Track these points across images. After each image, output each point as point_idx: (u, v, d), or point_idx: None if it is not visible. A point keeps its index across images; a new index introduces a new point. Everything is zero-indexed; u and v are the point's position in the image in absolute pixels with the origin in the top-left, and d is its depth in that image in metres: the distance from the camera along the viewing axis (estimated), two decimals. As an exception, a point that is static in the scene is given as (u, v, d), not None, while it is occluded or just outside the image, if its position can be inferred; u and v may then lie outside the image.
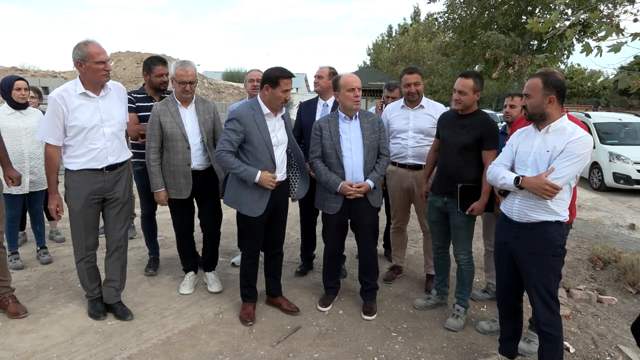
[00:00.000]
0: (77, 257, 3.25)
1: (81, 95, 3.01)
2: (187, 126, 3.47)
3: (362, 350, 3.03)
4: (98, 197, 3.16)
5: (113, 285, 3.37)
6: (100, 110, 3.07)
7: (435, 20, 20.64)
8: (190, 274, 3.85)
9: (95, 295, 3.35)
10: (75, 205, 3.11)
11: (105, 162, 3.12)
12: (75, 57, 2.95)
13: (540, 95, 2.39)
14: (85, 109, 3.02)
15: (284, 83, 3.09)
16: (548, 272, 2.46)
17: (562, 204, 2.44)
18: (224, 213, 3.89)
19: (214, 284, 3.82)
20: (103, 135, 3.08)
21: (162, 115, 3.41)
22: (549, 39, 15.82)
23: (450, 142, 3.27)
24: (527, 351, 2.98)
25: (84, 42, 2.96)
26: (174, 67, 3.40)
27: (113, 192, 3.21)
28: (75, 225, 3.18)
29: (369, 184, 3.29)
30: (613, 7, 4.70)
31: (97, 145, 3.07)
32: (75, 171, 3.06)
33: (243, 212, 3.19)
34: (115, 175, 3.20)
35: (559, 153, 2.36)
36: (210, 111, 3.63)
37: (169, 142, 3.43)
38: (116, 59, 13.47)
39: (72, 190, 3.10)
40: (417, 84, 3.74)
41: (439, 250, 3.54)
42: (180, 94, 3.43)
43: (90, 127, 3.02)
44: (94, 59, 2.93)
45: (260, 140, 3.12)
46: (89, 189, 3.10)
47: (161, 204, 3.57)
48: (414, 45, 31.20)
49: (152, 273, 4.10)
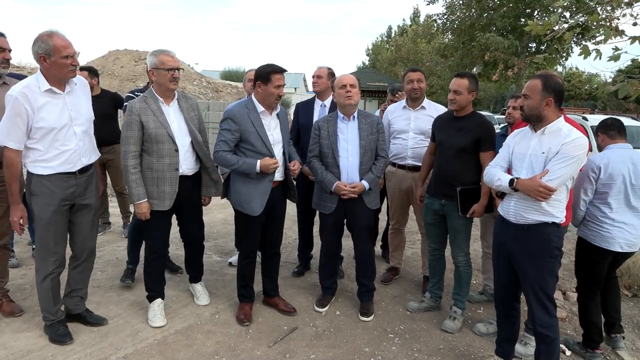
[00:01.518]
0: (42, 275, 2.88)
1: (46, 92, 2.68)
2: (172, 126, 3.10)
3: (359, 351, 3.02)
4: (69, 203, 2.87)
5: (79, 295, 3.12)
6: (69, 107, 2.77)
7: (434, 22, 20.72)
8: (158, 302, 3.33)
9: (57, 318, 3.00)
10: (44, 213, 2.77)
11: (79, 164, 2.84)
12: (38, 51, 2.61)
13: (539, 97, 2.40)
14: (53, 108, 2.70)
15: (275, 78, 3.07)
16: (545, 273, 2.47)
17: (558, 206, 2.45)
18: (222, 212, 3.88)
19: (201, 296, 3.61)
20: (74, 135, 2.79)
21: (142, 115, 3.00)
22: (548, 42, 15.86)
23: (447, 144, 3.27)
24: (523, 354, 2.99)
25: (47, 33, 2.62)
26: (155, 56, 3.02)
27: (84, 197, 2.93)
28: (43, 237, 2.83)
29: (364, 185, 3.29)
30: (612, 10, 4.70)
31: (70, 147, 2.77)
32: (45, 176, 2.74)
33: (245, 211, 3.18)
34: (86, 179, 2.92)
35: (554, 154, 2.38)
36: (195, 108, 3.31)
37: (152, 144, 3.03)
38: (114, 56, 13.42)
39: (41, 197, 2.76)
40: (419, 80, 3.77)
41: (434, 253, 3.54)
42: (168, 84, 3.03)
43: (60, 127, 2.71)
44: (60, 53, 2.61)
45: (258, 138, 3.11)
46: (61, 195, 2.79)
47: (144, 217, 3.07)
48: (413, 47, 31.28)
49: (130, 284, 3.82)
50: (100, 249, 4.78)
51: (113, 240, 5.08)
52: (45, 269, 2.88)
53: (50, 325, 2.99)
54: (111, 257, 4.57)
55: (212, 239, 5.30)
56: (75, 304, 3.13)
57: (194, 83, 13.52)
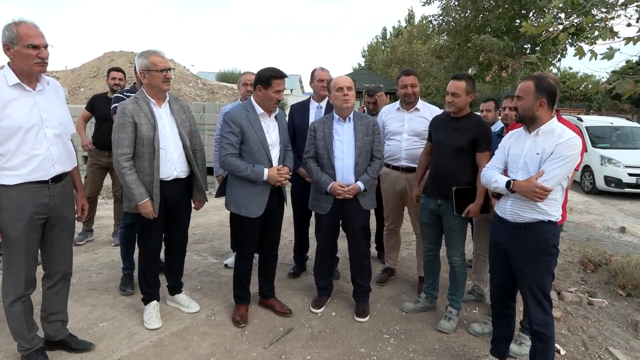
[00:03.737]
0: (11, 298, 2.54)
1: (14, 87, 2.39)
2: (165, 128, 3.05)
3: (355, 352, 3.03)
4: (43, 217, 2.54)
5: (59, 319, 2.82)
6: (39, 107, 2.46)
7: (429, 23, 20.74)
8: (154, 304, 3.29)
9: (34, 347, 2.66)
10: (13, 230, 2.43)
11: (51, 172, 2.52)
12: (2, 39, 2.37)
13: (532, 98, 2.44)
14: (21, 105, 2.39)
15: (276, 83, 3.09)
16: (542, 271, 2.50)
17: (554, 204, 2.48)
18: (217, 214, 3.87)
19: (191, 304, 3.50)
20: (45, 138, 2.47)
21: (135, 116, 2.92)
22: (542, 43, 15.92)
23: (444, 144, 3.29)
24: (518, 353, 3.00)
25: (14, 21, 2.37)
26: (145, 57, 2.93)
27: (60, 209, 2.62)
28: (12, 257, 2.49)
29: (359, 186, 3.30)
30: (606, 12, 4.74)
31: (40, 151, 2.45)
32: (11, 186, 2.40)
33: (242, 213, 3.18)
34: (61, 189, 2.62)
35: (548, 155, 2.41)
36: (186, 110, 3.23)
37: (144, 147, 2.95)
38: (109, 58, 13.38)
39: (9, 212, 2.41)
40: (413, 85, 3.76)
41: (429, 253, 3.55)
42: (161, 85, 2.97)
43: (28, 128, 2.40)
44: (23, 41, 2.33)
45: (256, 140, 3.12)
46: (32, 208, 2.47)
47: (151, 215, 3.00)
48: (408, 48, 31.31)
49: (130, 292, 3.72)
50: (96, 251, 4.78)
51: (108, 242, 5.07)
52: (14, 292, 2.54)
53: (27, 356, 2.66)
54: (107, 259, 4.55)
55: (207, 240, 5.30)
56: (57, 330, 2.82)
57: (190, 85, 13.51)
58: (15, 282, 2.54)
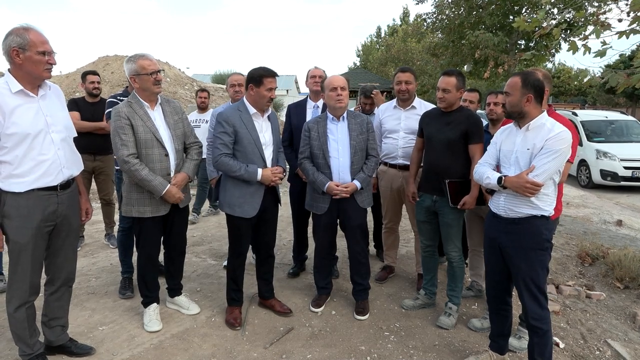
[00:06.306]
0: (15, 304, 2.55)
1: (18, 94, 2.38)
2: (160, 130, 3.04)
3: (355, 350, 3.04)
4: (51, 224, 2.56)
5: (59, 324, 2.83)
6: (44, 112, 2.47)
7: (423, 21, 20.76)
8: (154, 307, 3.30)
9: (36, 352, 2.68)
10: (22, 237, 2.45)
11: (60, 177, 2.53)
12: (11, 45, 2.33)
13: (519, 94, 2.46)
14: (26, 111, 2.39)
15: (267, 82, 3.10)
16: (536, 266, 2.51)
17: (546, 199, 2.49)
18: (217, 215, 3.87)
19: (191, 306, 3.51)
20: (52, 143, 2.48)
21: (131, 119, 2.93)
22: (536, 38, 15.98)
23: (437, 139, 3.31)
24: (518, 347, 3.02)
25: (23, 27, 2.37)
26: (134, 62, 2.94)
27: (67, 216, 2.63)
28: (19, 263, 2.50)
29: (356, 185, 3.31)
30: (598, 7, 4.77)
31: (48, 156, 2.46)
32: (21, 194, 2.41)
33: (236, 214, 3.19)
34: (69, 196, 2.63)
35: (538, 150, 2.43)
36: (178, 112, 3.23)
37: (142, 150, 2.96)
38: (104, 62, 13.36)
39: (18, 219, 2.42)
40: (408, 82, 3.78)
41: (427, 249, 3.57)
42: (152, 88, 2.98)
43: (35, 134, 2.40)
44: (36, 47, 2.34)
45: (250, 140, 3.13)
46: (41, 215, 2.48)
47: (179, 200, 3.09)
48: (403, 46, 31.34)
49: (130, 295, 3.71)
50: (95, 255, 4.78)
51: (106, 246, 5.06)
52: (19, 299, 2.55)
53: None
54: (106, 263, 4.55)
55: (206, 242, 5.30)
56: (57, 335, 2.84)
57: (185, 87, 13.51)
58: (20, 288, 2.55)
